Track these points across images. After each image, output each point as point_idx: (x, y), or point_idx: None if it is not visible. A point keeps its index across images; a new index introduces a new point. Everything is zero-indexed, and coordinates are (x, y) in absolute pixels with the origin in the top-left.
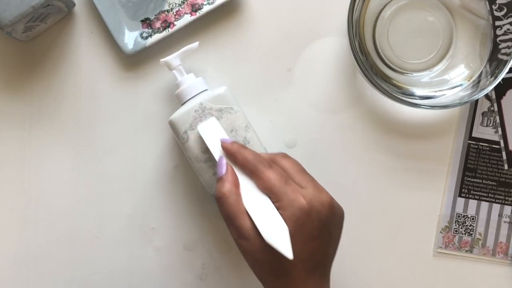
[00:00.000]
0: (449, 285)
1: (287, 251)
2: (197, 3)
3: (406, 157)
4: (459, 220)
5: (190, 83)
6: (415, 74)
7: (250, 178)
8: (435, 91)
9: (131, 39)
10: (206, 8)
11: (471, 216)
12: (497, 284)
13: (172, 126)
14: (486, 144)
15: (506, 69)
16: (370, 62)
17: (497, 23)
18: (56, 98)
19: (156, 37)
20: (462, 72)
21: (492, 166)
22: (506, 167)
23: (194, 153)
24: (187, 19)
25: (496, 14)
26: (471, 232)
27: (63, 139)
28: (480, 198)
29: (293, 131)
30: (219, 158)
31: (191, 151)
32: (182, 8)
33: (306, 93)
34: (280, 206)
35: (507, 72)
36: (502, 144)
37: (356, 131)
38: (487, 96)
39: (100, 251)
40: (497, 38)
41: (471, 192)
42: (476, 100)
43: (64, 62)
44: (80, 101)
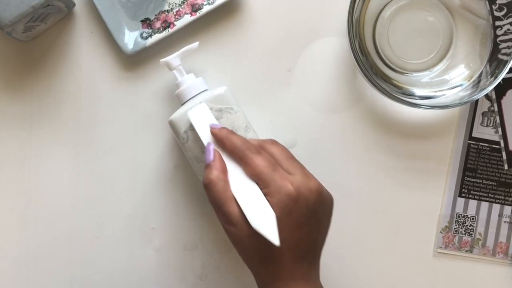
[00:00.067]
0: (449, 285)
1: (273, 237)
2: (197, 3)
3: (406, 157)
4: (459, 220)
5: (190, 83)
6: (415, 74)
7: (238, 165)
8: (435, 91)
9: (131, 39)
10: (206, 8)
11: (471, 216)
12: (497, 284)
13: (172, 126)
14: (486, 144)
15: (506, 69)
16: (370, 62)
17: (497, 23)
18: (56, 98)
19: (156, 37)
20: (462, 72)
21: (492, 166)
22: (506, 167)
23: (194, 153)
24: (187, 19)
25: (496, 14)
26: (471, 232)
27: (63, 139)
28: (480, 198)
29: (293, 131)
30: (207, 144)
31: (191, 151)
32: (182, 8)
33: (306, 93)
34: (267, 193)
35: (507, 72)
36: (502, 144)
37: (356, 131)
38: (487, 96)
39: (100, 251)
40: (497, 38)
41: (471, 192)
42: (476, 100)
43: (64, 62)
44: (80, 101)
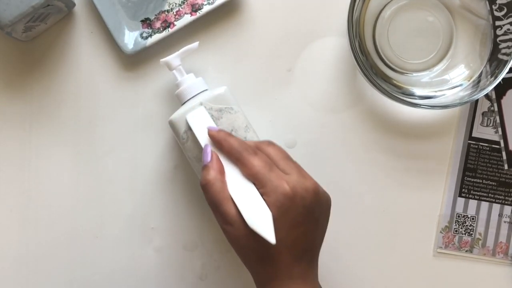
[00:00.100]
0: (449, 285)
1: (270, 236)
2: (197, 3)
3: (406, 157)
4: (459, 220)
5: (190, 83)
6: (415, 74)
7: (235, 165)
8: (435, 91)
9: (131, 39)
10: (206, 8)
11: (471, 216)
12: (497, 284)
13: (172, 126)
14: (486, 144)
15: (506, 69)
16: (370, 62)
17: (497, 23)
18: (56, 98)
19: (156, 37)
20: (462, 72)
21: (492, 166)
22: (506, 167)
23: (194, 153)
24: (187, 19)
25: (496, 14)
26: (471, 232)
27: (63, 139)
28: (480, 198)
29: (293, 131)
30: (205, 145)
31: (191, 151)
32: (182, 8)
33: (306, 93)
34: (264, 192)
35: (507, 72)
36: (502, 144)
37: (356, 131)
38: (487, 96)
39: (100, 251)
40: (497, 38)
41: (471, 192)
42: (476, 100)
43: (64, 62)
44: (80, 101)
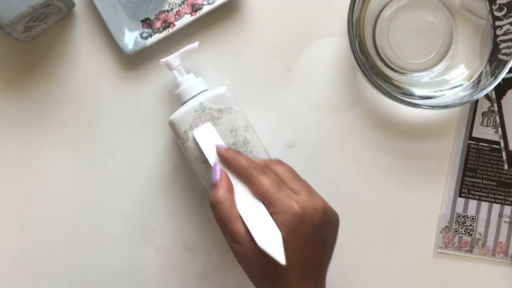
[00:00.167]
0: (449, 285)
1: (279, 256)
2: (197, 3)
3: (406, 157)
4: (459, 220)
5: (190, 83)
6: (415, 74)
7: (244, 184)
8: (435, 91)
9: (131, 39)
10: (206, 8)
11: (471, 216)
12: (497, 284)
13: (172, 126)
14: (486, 144)
15: (506, 69)
16: (370, 62)
17: (497, 23)
18: (56, 98)
19: (156, 37)
20: (462, 72)
21: (492, 166)
22: (506, 167)
23: (194, 153)
24: (187, 19)
25: (496, 14)
26: (471, 232)
27: (63, 139)
28: (480, 198)
29: (293, 131)
30: (214, 164)
31: (191, 151)
32: (182, 8)
33: (306, 93)
34: (273, 212)
35: (507, 72)
36: (502, 144)
37: (356, 131)
38: (487, 96)
39: (100, 251)
40: (497, 38)
41: (471, 192)
42: (476, 100)
43: (64, 62)
44: (80, 101)
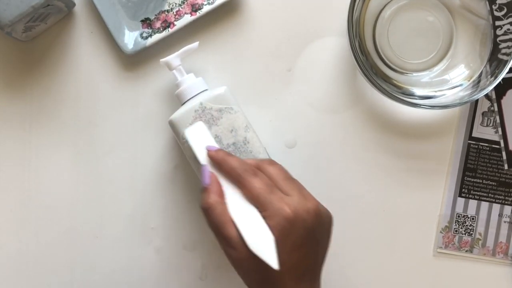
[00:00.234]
0: (449, 285)
1: (272, 260)
2: (197, 3)
3: (406, 157)
4: (459, 220)
5: (190, 83)
6: (415, 74)
7: (235, 187)
8: (435, 91)
9: (131, 39)
10: (206, 8)
11: (471, 216)
12: (497, 284)
13: (172, 126)
14: (486, 144)
15: (506, 69)
16: (370, 62)
17: (497, 23)
18: (56, 98)
19: (156, 37)
20: (462, 72)
21: (492, 166)
22: (506, 167)
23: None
24: (187, 19)
25: (496, 14)
26: (471, 232)
27: (63, 139)
28: (480, 198)
29: (293, 131)
30: (203, 167)
31: (191, 151)
32: (182, 8)
33: (306, 93)
34: (265, 216)
35: (507, 72)
36: (502, 144)
37: (356, 131)
38: (487, 96)
39: (100, 251)
40: (497, 38)
41: (471, 192)
42: (476, 100)
43: (64, 62)
44: (80, 101)
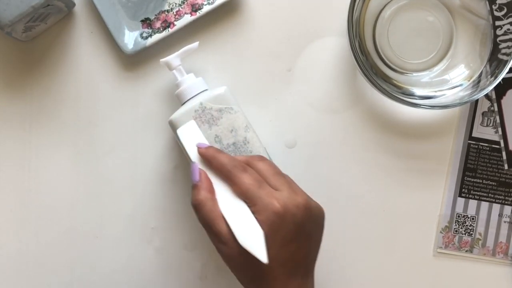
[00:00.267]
0: (449, 285)
1: (261, 255)
2: (197, 3)
3: (406, 157)
4: (459, 220)
5: (190, 83)
6: (415, 74)
7: (225, 183)
8: (435, 91)
9: (131, 39)
10: (206, 8)
11: (471, 216)
12: (497, 284)
13: (172, 126)
14: (486, 144)
15: (506, 69)
16: (370, 62)
17: (497, 23)
18: (56, 98)
19: (156, 37)
20: (462, 72)
21: (492, 166)
22: (506, 167)
23: None
24: (187, 19)
25: (496, 14)
26: (471, 232)
27: (63, 139)
28: (480, 198)
29: (293, 131)
30: (192, 164)
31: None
32: (182, 8)
33: (306, 93)
34: (255, 211)
35: (507, 72)
36: (502, 144)
37: (356, 131)
38: (487, 96)
39: (100, 251)
40: (497, 38)
41: (471, 192)
42: (476, 100)
43: (64, 62)
44: (80, 101)
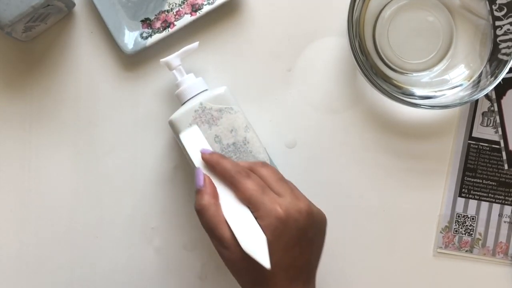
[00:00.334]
0: (449, 285)
1: (264, 260)
2: (197, 3)
3: (406, 157)
4: (459, 220)
5: (190, 83)
6: (415, 74)
7: (229, 188)
8: (435, 91)
9: (131, 39)
10: (206, 8)
11: (471, 216)
12: (497, 284)
13: (172, 126)
14: (486, 144)
15: (506, 69)
16: (370, 62)
17: (497, 23)
18: (56, 98)
19: (156, 37)
20: (462, 72)
21: (492, 166)
22: (506, 167)
23: None
24: (187, 19)
25: (496, 14)
26: (471, 232)
27: (63, 139)
28: (480, 198)
29: (293, 131)
30: (197, 170)
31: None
32: (182, 8)
33: (306, 93)
34: (258, 216)
35: (507, 72)
36: (502, 144)
37: (356, 131)
38: (487, 96)
39: (100, 251)
40: (497, 38)
41: (471, 192)
42: (476, 100)
43: (64, 62)
44: (80, 101)
